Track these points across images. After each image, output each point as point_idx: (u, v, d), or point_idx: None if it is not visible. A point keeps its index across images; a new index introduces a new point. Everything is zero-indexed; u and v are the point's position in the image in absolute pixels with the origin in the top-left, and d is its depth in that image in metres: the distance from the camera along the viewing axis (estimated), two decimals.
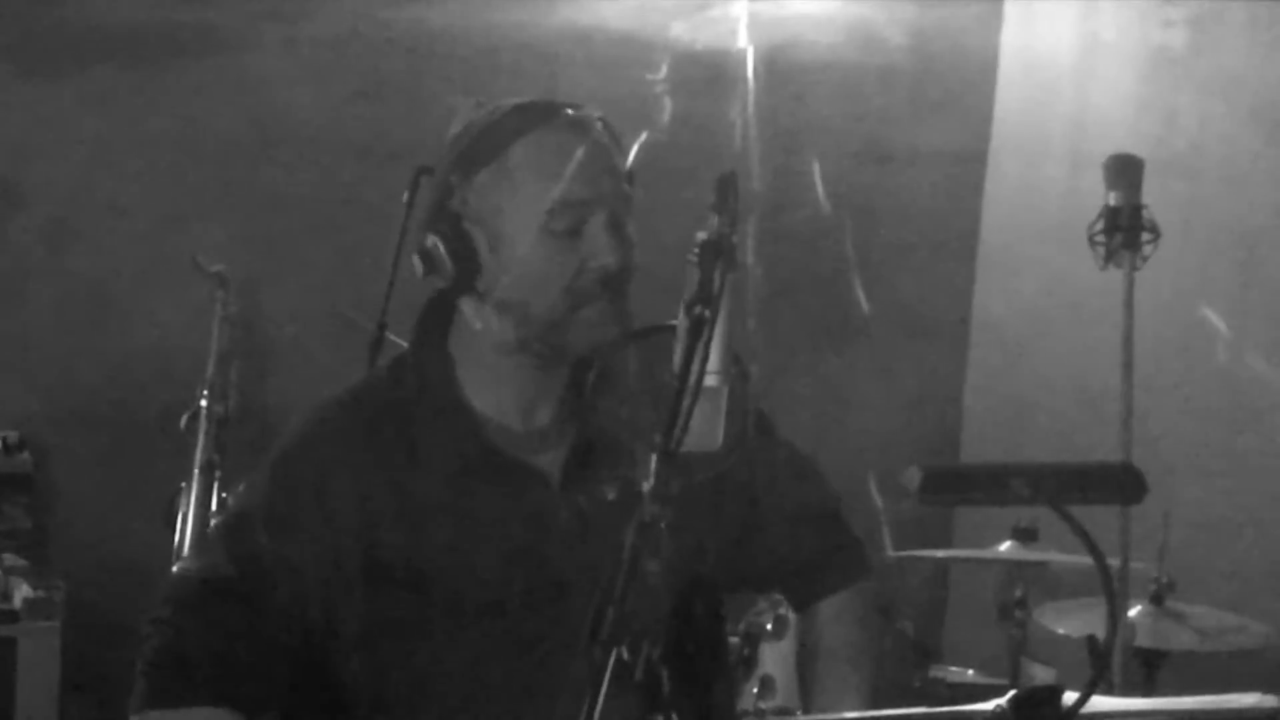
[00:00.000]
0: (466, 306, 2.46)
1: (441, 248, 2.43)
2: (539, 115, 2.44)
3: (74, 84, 4.79)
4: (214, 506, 4.12)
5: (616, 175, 2.43)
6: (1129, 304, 3.88)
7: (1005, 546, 4.29)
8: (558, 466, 2.46)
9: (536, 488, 2.45)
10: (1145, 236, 3.88)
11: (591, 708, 1.84)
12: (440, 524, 2.43)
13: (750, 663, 3.57)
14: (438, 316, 2.54)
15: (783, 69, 5.23)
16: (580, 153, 2.39)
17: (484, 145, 2.44)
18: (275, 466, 2.52)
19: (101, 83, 4.81)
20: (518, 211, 2.40)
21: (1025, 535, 4.27)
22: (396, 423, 2.48)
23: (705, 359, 1.96)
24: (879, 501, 2.73)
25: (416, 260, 2.48)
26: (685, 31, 4.98)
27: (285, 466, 2.51)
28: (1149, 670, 4.09)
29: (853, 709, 2.52)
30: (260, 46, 4.92)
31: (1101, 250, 3.90)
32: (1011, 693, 1.92)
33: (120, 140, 4.82)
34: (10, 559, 4.52)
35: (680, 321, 1.99)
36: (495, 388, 2.48)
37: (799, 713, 3.56)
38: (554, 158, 2.39)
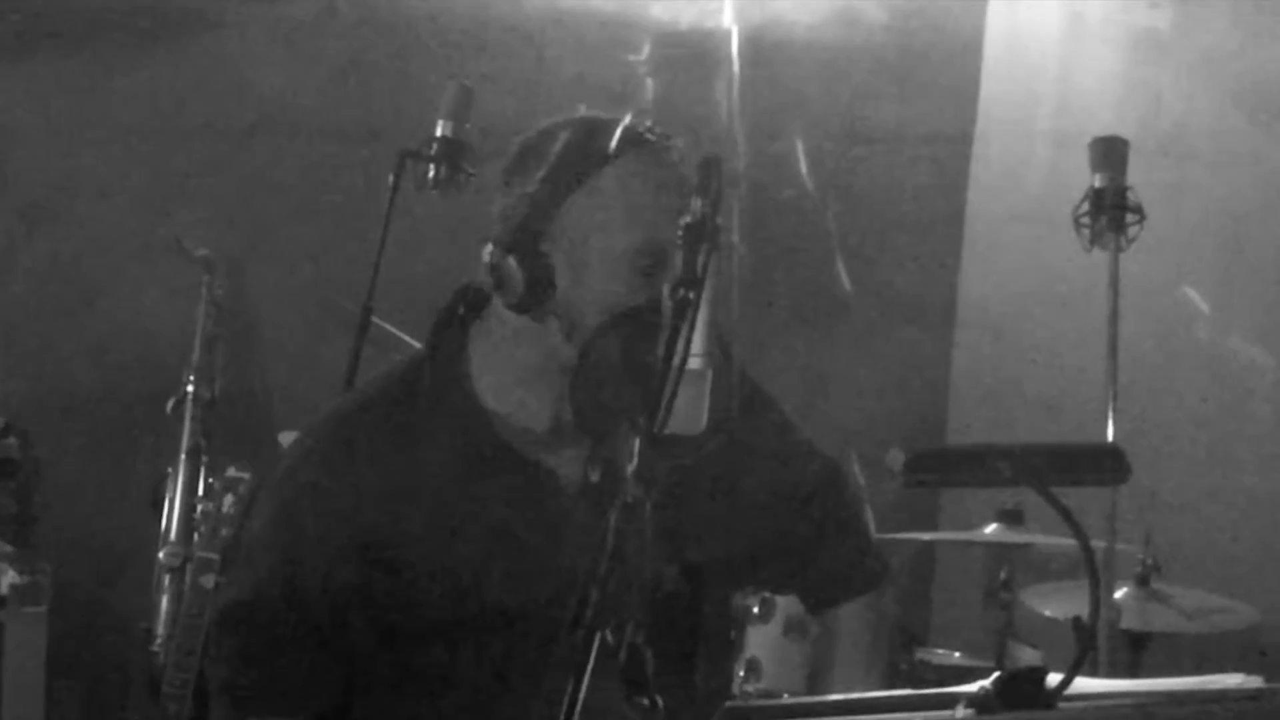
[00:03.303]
0: (514, 319, 2.44)
1: (516, 268, 2.40)
2: (627, 139, 2.42)
3: (53, 66, 4.77)
4: (200, 491, 4.11)
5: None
6: (1114, 285, 3.89)
7: (991, 529, 4.29)
8: (578, 463, 2.46)
9: (550, 485, 2.45)
10: (1130, 218, 3.88)
11: (576, 690, 1.84)
12: (458, 524, 2.44)
13: (736, 645, 3.57)
14: (458, 316, 2.54)
15: (765, 50, 5.21)
16: (672, 189, 2.38)
17: (572, 165, 2.42)
18: (297, 482, 2.52)
19: (81, 65, 4.79)
20: (608, 244, 2.40)
21: (1011, 517, 4.27)
22: (410, 431, 2.48)
23: (689, 341, 1.96)
24: (863, 483, 2.74)
25: (486, 275, 2.44)
26: (668, 12, 4.97)
27: (306, 480, 2.51)
28: (1134, 652, 4.10)
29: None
30: (240, 27, 4.91)
31: (1087, 232, 3.91)
32: (995, 674, 1.92)
33: (100, 123, 4.80)
34: None
35: (665, 304, 1.99)
36: (522, 388, 2.49)
37: (785, 695, 3.57)
38: (647, 194, 2.40)
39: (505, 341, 2.48)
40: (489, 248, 2.42)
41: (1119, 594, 4.04)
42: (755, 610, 3.66)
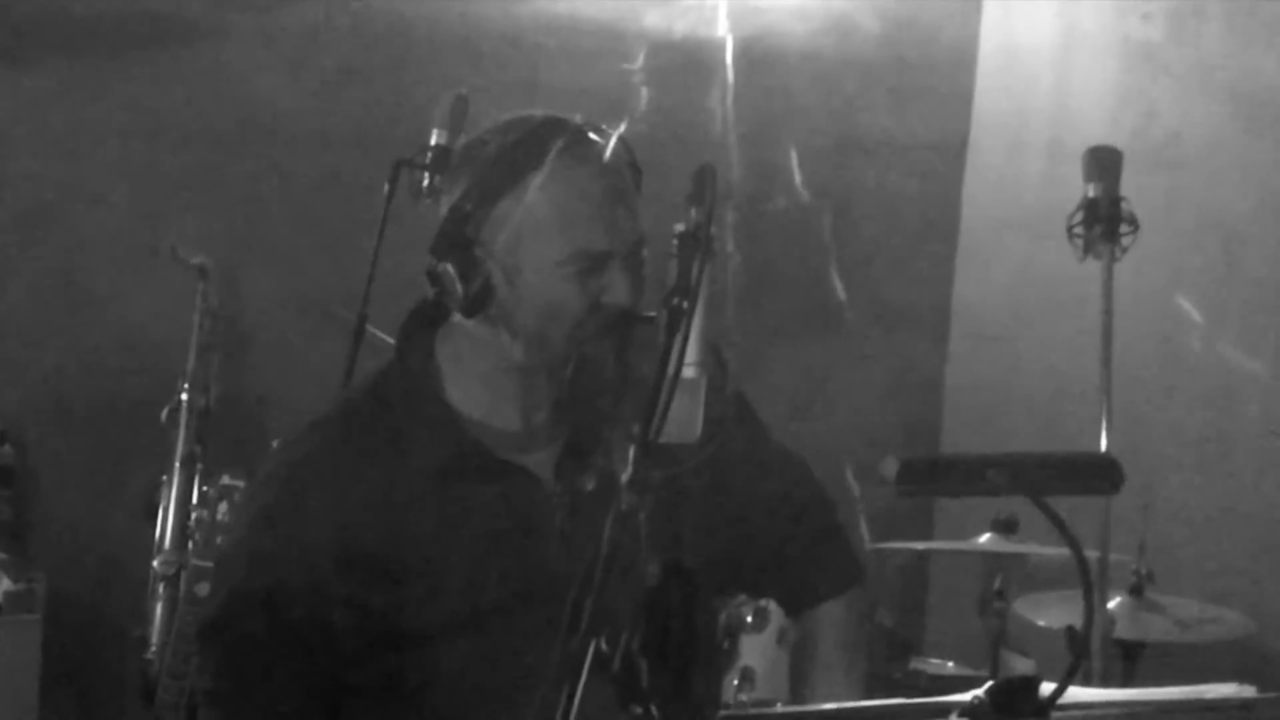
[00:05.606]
0: (472, 324, 2.44)
1: (454, 275, 2.40)
2: (559, 141, 2.39)
3: (48, 73, 4.77)
4: (195, 499, 4.10)
5: (633, 212, 2.42)
6: (1108, 295, 3.89)
7: (985, 538, 4.29)
8: (550, 464, 2.46)
9: (528, 487, 2.45)
10: (1124, 228, 3.89)
11: (570, 699, 1.84)
12: (438, 530, 2.42)
13: (730, 654, 3.57)
14: (423, 324, 2.54)
15: (760, 59, 5.22)
16: (601, 195, 2.37)
17: (501, 171, 2.39)
18: (272, 494, 2.51)
19: (76, 72, 4.79)
20: (536, 251, 2.38)
21: (1005, 527, 4.27)
22: (386, 439, 2.47)
23: (684, 350, 1.96)
24: (857, 492, 2.74)
25: (427, 282, 2.44)
26: (662, 21, 4.97)
27: (282, 492, 2.49)
28: (1128, 661, 4.10)
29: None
30: (234, 36, 4.91)
31: (1080, 242, 3.91)
32: (989, 684, 1.92)
33: (95, 130, 4.80)
34: None
35: (660, 313, 1.99)
36: (490, 391, 2.47)
37: (779, 704, 3.57)
38: (576, 200, 2.37)
39: (466, 347, 2.48)
40: (430, 256, 2.43)
41: (1112, 603, 4.03)
42: (749, 619, 3.67)
